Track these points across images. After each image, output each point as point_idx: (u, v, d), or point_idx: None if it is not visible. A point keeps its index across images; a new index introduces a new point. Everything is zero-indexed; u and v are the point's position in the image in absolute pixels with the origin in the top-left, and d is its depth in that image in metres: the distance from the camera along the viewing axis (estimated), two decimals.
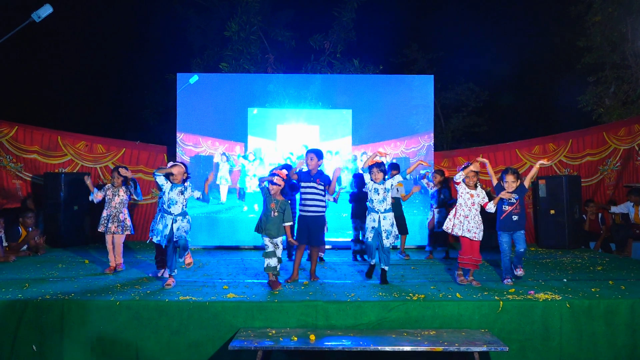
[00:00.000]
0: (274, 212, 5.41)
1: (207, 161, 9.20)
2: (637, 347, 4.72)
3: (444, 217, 7.60)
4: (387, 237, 5.58)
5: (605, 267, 6.80)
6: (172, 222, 5.39)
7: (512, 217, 5.60)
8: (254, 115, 9.30)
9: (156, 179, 5.42)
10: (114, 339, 4.65)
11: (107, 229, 6.34)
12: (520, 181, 5.65)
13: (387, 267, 5.68)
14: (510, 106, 17.39)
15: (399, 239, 7.82)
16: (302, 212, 5.96)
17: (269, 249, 5.43)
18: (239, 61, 11.63)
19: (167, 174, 5.48)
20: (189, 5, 13.37)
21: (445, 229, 5.68)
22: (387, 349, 4.12)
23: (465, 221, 5.50)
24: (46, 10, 6.67)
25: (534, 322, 4.71)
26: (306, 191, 5.97)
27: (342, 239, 8.85)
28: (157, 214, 6.26)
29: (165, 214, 5.43)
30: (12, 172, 9.05)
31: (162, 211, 5.48)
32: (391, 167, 7.13)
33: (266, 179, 5.53)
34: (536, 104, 17.36)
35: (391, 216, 5.65)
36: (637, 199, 8.65)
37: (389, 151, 9.09)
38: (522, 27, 16.82)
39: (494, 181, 5.73)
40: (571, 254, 8.06)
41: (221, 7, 12.88)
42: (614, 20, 12.02)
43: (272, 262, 5.40)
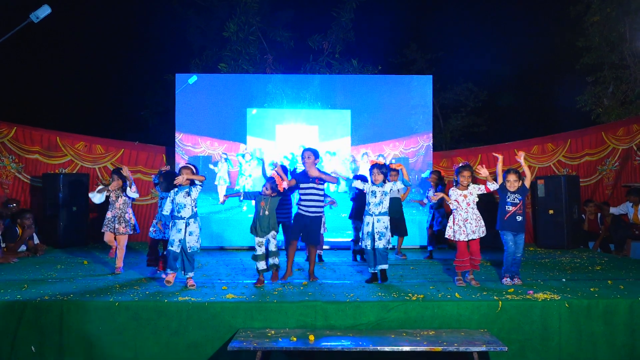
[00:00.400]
0: (265, 211, 5.50)
1: (206, 161, 9.20)
2: (636, 347, 4.73)
3: (443, 216, 7.64)
4: (380, 239, 5.57)
5: (604, 267, 6.81)
6: (186, 226, 5.38)
7: (517, 217, 5.60)
8: (253, 115, 9.30)
9: (162, 193, 5.48)
10: (113, 340, 4.65)
11: (115, 230, 6.33)
12: (521, 182, 5.67)
13: (385, 266, 5.67)
14: (509, 106, 17.39)
15: (397, 241, 7.83)
16: (300, 211, 5.99)
17: (258, 252, 5.58)
18: (237, 61, 11.63)
19: (171, 179, 5.52)
20: (188, 5, 13.36)
21: (447, 237, 5.67)
22: (387, 349, 4.12)
23: (466, 225, 5.49)
24: (44, 10, 6.67)
25: (533, 322, 4.71)
26: (305, 192, 5.97)
27: (342, 239, 8.86)
28: (157, 215, 6.28)
29: (176, 220, 5.41)
30: (12, 173, 9.04)
31: (173, 218, 5.45)
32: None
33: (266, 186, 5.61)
34: (535, 104, 17.37)
35: (386, 219, 5.63)
36: (636, 199, 8.66)
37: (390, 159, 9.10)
38: (521, 27, 16.82)
39: (499, 180, 5.74)
40: (570, 253, 8.07)
41: (220, 8, 12.87)
42: (612, 20, 12.04)
43: (261, 265, 5.61)
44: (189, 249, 5.38)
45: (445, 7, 17.38)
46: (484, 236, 5.57)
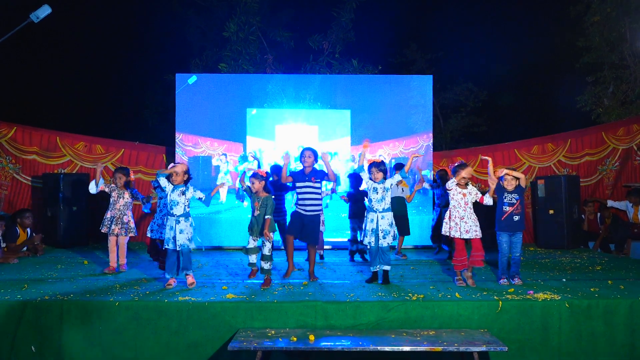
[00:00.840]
0: (257, 211, 5.51)
1: (206, 162, 9.20)
2: (636, 347, 4.73)
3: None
4: (384, 237, 5.55)
5: (604, 267, 6.81)
6: (176, 224, 5.38)
7: (514, 217, 5.60)
8: (253, 115, 9.30)
9: (159, 179, 5.43)
10: (113, 340, 4.65)
11: (111, 231, 6.34)
12: (518, 181, 5.66)
13: (388, 267, 5.66)
14: (509, 106, 17.39)
15: (397, 239, 7.81)
16: (298, 210, 6.00)
17: (249, 245, 5.65)
18: (237, 61, 11.63)
19: (169, 175, 5.49)
20: (189, 5, 13.37)
21: (444, 232, 5.69)
22: (387, 349, 4.12)
23: (461, 222, 5.50)
24: (45, 10, 6.68)
25: (533, 322, 4.71)
26: (302, 191, 5.97)
27: (342, 239, 8.85)
28: (156, 215, 6.29)
29: (169, 217, 5.44)
30: (10, 174, 9.03)
31: (166, 214, 5.49)
32: (396, 168, 7.14)
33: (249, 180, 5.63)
34: (535, 104, 17.37)
35: (390, 216, 5.63)
36: (636, 200, 8.68)
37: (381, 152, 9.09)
38: (521, 27, 16.83)
39: (490, 182, 5.73)
40: (570, 253, 8.06)
41: (220, 8, 12.87)
42: (612, 20, 12.04)
43: (251, 258, 5.76)
44: (178, 247, 5.35)
45: (445, 7, 17.39)
46: (479, 237, 5.56)
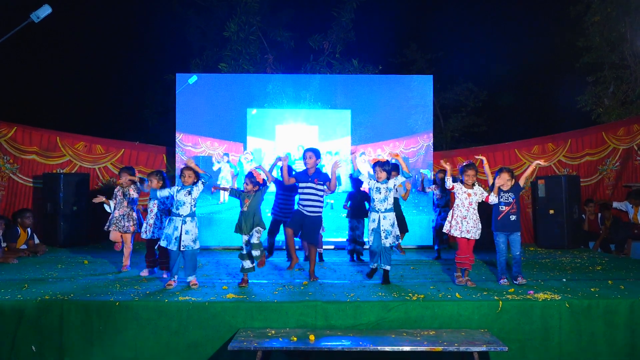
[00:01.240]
0: (246, 207, 5.46)
1: (206, 162, 9.19)
2: (636, 347, 4.73)
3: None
4: (387, 237, 5.55)
5: (604, 267, 6.81)
6: (182, 224, 5.37)
7: (510, 217, 5.60)
8: (253, 115, 9.29)
9: (159, 193, 5.50)
10: (113, 340, 4.65)
11: (125, 228, 6.34)
12: (514, 180, 5.66)
13: (388, 267, 5.66)
14: (509, 106, 17.39)
15: (399, 240, 7.81)
16: (299, 209, 6.02)
17: (244, 251, 5.52)
18: (238, 61, 11.62)
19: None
20: (189, 5, 13.36)
21: (445, 230, 5.69)
22: (387, 349, 4.12)
23: (462, 222, 5.50)
24: (45, 10, 6.68)
25: (534, 322, 4.71)
26: (304, 191, 5.98)
27: (342, 239, 8.84)
28: (147, 216, 6.28)
29: (174, 217, 5.41)
30: (6, 174, 9.02)
31: (171, 214, 5.48)
32: (392, 168, 7.12)
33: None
34: (535, 104, 17.37)
35: (392, 216, 5.63)
36: (636, 201, 8.68)
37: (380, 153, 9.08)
38: (521, 27, 16.82)
39: (489, 180, 5.73)
40: (570, 253, 8.06)
41: (220, 8, 12.86)
42: (612, 20, 12.03)
43: (246, 264, 5.53)
44: (182, 247, 5.33)
45: (445, 7, 17.38)
46: (478, 238, 5.57)
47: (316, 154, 6.03)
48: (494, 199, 5.57)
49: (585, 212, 9.25)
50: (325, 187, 6.05)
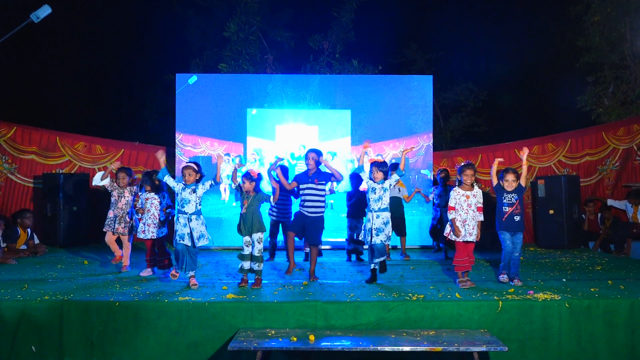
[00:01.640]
0: (245, 209, 5.47)
1: (206, 162, 9.18)
2: (636, 347, 4.73)
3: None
4: (377, 235, 5.55)
5: (604, 267, 6.81)
6: (188, 221, 5.40)
7: (514, 217, 5.59)
8: (253, 115, 9.29)
9: (166, 180, 5.51)
10: (113, 340, 4.65)
11: (114, 230, 6.37)
12: (518, 181, 5.67)
13: (382, 258, 5.65)
14: (509, 106, 17.41)
15: (395, 239, 7.80)
16: (301, 210, 6.02)
17: (244, 252, 5.51)
18: (238, 61, 11.62)
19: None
20: (189, 5, 13.37)
21: (445, 234, 5.68)
22: (387, 349, 4.12)
23: (463, 226, 5.48)
24: (45, 10, 6.68)
25: (533, 322, 4.71)
26: (305, 192, 5.99)
27: (342, 239, 8.84)
28: (144, 216, 6.28)
29: (179, 214, 5.46)
30: (4, 174, 9.01)
31: (177, 212, 5.51)
32: (391, 168, 7.12)
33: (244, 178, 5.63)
34: (535, 104, 17.38)
35: (385, 215, 5.62)
36: (636, 201, 8.68)
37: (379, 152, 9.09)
38: (521, 27, 16.84)
39: (494, 181, 5.72)
40: (570, 253, 8.06)
41: (220, 8, 12.87)
42: (612, 20, 12.03)
43: (245, 264, 5.51)
44: (196, 240, 5.41)
45: (445, 7, 17.41)
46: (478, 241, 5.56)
47: (318, 154, 6.04)
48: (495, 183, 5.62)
49: (585, 212, 9.25)
50: (326, 186, 6.06)
